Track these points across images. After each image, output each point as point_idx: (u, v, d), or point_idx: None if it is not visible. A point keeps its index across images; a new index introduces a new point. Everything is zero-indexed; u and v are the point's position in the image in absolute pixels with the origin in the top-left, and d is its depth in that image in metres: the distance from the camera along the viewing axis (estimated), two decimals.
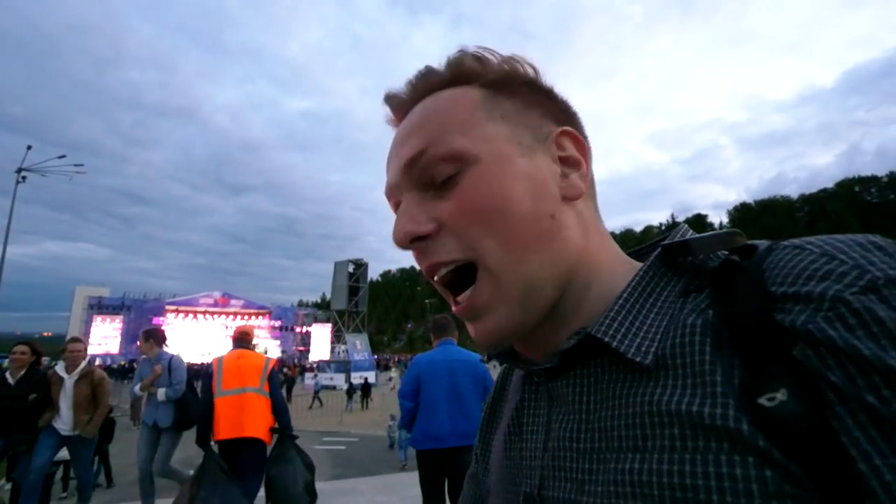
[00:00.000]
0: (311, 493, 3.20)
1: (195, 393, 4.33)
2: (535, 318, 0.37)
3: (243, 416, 3.24)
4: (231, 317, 61.00)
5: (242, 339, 3.66)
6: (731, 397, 0.28)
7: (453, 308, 0.39)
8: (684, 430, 0.29)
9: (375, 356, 29.83)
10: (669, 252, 0.37)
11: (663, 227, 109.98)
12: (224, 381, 3.28)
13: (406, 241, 0.38)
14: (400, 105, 0.43)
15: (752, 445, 0.26)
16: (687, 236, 0.38)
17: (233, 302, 61.57)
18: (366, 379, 21.92)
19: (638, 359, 0.32)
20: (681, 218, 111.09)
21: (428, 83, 0.42)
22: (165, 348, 4.54)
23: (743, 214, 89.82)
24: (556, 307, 0.38)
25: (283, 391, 23.72)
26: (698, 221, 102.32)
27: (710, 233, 0.36)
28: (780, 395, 0.26)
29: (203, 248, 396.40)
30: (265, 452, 3.35)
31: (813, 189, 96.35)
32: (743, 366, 0.28)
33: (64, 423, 4.34)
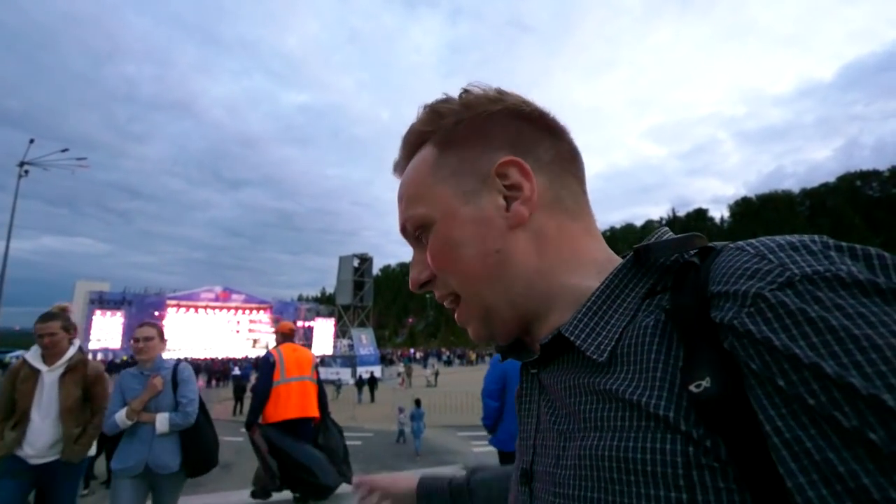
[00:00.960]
0: (347, 453, 4.02)
1: (208, 416, 3.09)
2: (503, 330, 0.47)
3: (306, 399, 3.86)
4: (232, 311, 60.72)
5: (290, 335, 4.15)
6: (666, 389, 0.34)
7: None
8: (632, 414, 0.35)
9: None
10: (640, 254, 0.42)
11: (663, 222, 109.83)
12: (288, 370, 3.81)
13: (416, 286, 0.51)
14: (400, 171, 0.53)
15: (677, 428, 0.32)
16: (662, 238, 0.43)
17: (234, 296, 61.23)
18: (371, 373, 21.92)
19: (595, 356, 0.39)
20: (681, 212, 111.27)
21: (408, 147, 0.52)
22: (167, 352, 3.24)
23: (744, 209, 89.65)
24: (532, 314, 0.46)
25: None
26: (699, 216, 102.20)
27: (674, 236, 0.42)
28: (705, 383, 0.31)
29: (201, 242, 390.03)
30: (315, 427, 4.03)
31: (811, 183, 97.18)
32: (685, 357, 0.34)
33: (35, 445, 2.75)
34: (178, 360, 3.16)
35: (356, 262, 30.15)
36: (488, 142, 0.47)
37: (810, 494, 0.26)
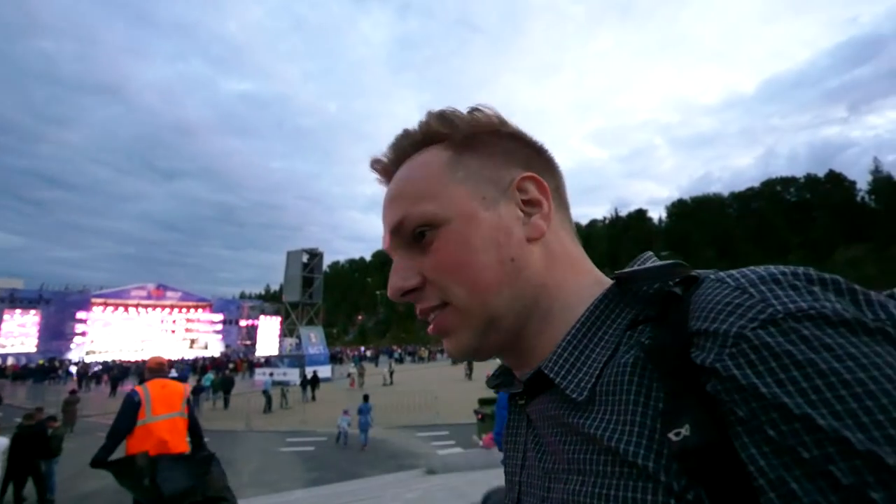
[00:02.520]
0: (225, 479, 3.80)
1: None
2: (494, 343, 0.44)
3: (174, 435, 3.76)
4: (167, 310, 57.08)
5: (160, 370, 4.06)
6: (645, 437, 0.32)
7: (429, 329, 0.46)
8: (613, 459, 0.33)
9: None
10: (622, 282, 0.41)
11: (607, 221, 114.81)
12: (154, 408, 3.72)
13: (397, 295, 0.45)
14: (385, 169, 0.50)
15: (657, 479, 0.30)
16: (647, 264, 0.42)
17: (169, 294, 57.52)
18: (314, 372, 21.30)
19: (574, 395, 0.37)
20: (623, 213, 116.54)
21: (404, 147, 0.48)
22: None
23: (680, 210, 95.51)
24: (522, 336, 0.44)
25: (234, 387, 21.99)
26: (640, 216, 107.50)
27: (657, 264, 0.40)
28: (684, 431, 0.29)
29: (132, 236, 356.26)
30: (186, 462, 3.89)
31: (736, 188, 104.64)
32: (665, 400, 0.32)
33: None
34: None
35: (305, 258, 28.82)
36: (507, 156, 0.47)
37: None
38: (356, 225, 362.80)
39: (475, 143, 0.46)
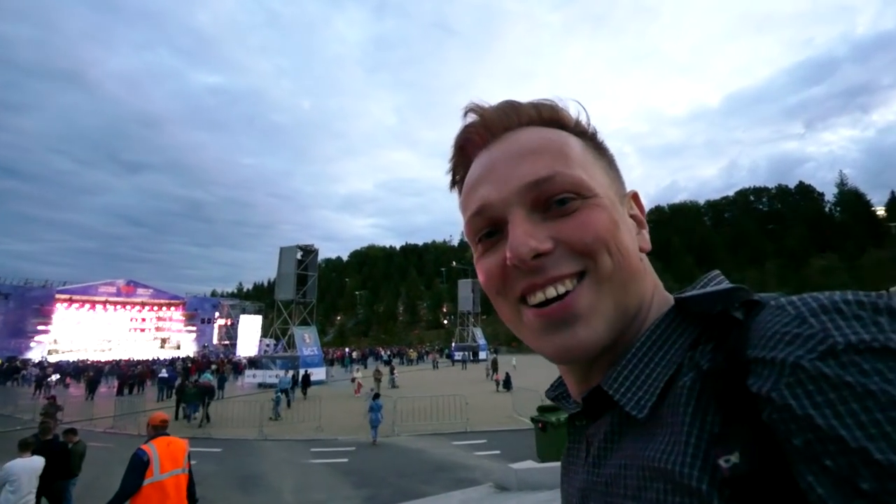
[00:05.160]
0: None
1: None
2: (608, 340, 0.40)
3: (179, 494, 3.89)
4: (138, 307, 54.25)
5: (164, 426, 4.09)
6: (700, 458, 0.32)
7: (529, 314, 0.41)
8: (667, 486, 0.33)
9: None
10: (682, 305, 0.40)
11: None
12: (162, 465, 3.82)
13: (530, 256, 0.39)
14: (488, 122, 0.45)
15: (709, 503, 0.30)
16: (710, 286, 0.42)
17: (139, 291, 54.65)
18: (306, 372, 20.42)
19: (634, 412, 0.37)
20: None
21: (522, 114, 0.45)
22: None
23: (658, 217, 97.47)
24: (624, 334, 0.41)
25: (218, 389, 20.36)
26: None
27: (718, 287, 0.40)
28: (734, 458, 0.29)
29: (94, 230, 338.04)
30: None
31: (703, 197, 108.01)
32: (720, 425, 0.32)
33: None
34: None
35: (299, 255, 27.42)
36: (616, 171, 0.47)
37: None
38: (329, 224, 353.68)
39: (598, 145, 0.47)
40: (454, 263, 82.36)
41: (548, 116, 0.45)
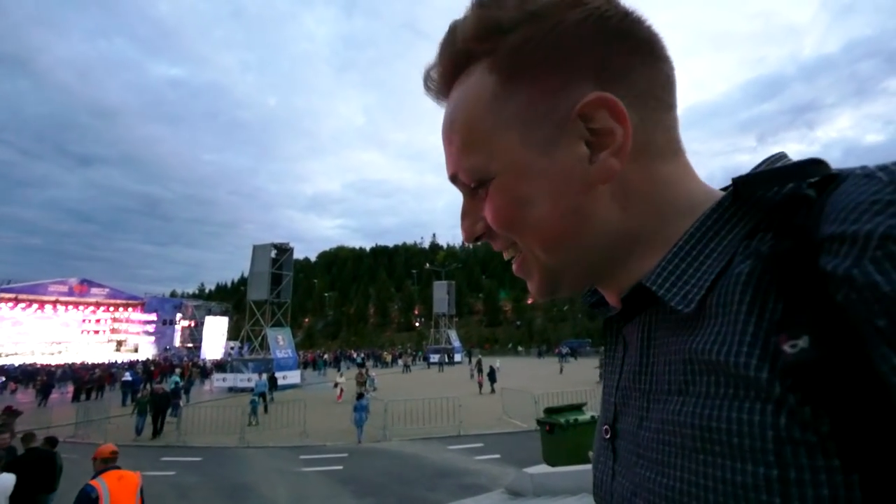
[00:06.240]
0: None
1: None
2: (572, 286, 0.41)
3: None
4: (92, 308, 51.05)
5: (113, 459, 3.77)
6: (758, 346, 0.28)
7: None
8: (718, 378, 0.30)
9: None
10: (740, 187, 0.34)
11: None
12: (114, 502, 3.49)
13: (470, 238, 0.43)
14: (438, 90, 0.43)
15: (769, 393, 0.27)
16: (774, 165, 0.35)
17: (94, 290, 51.45)
18: (272, 375, 19.66)
19: (680, 307, 0.33)
20: None
21: (450, 62, 0.41)
22: None
23: None
24: (610, 268, 0.40)
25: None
26: None
27: (788, 162, 0.35)
28: (801, 343, 0.26)
29: (38, 226, 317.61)
30: None
31: None
32: (783, 311, 0.28)
33: None
34: None
35: (273, 253, 26.39)
36: (568, 70, 0.36)
37: None
38: (295, 225, 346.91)
39: (524, 63, 0.37)
40: (427, 266, 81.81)
41: (465, 51, 0.39)
